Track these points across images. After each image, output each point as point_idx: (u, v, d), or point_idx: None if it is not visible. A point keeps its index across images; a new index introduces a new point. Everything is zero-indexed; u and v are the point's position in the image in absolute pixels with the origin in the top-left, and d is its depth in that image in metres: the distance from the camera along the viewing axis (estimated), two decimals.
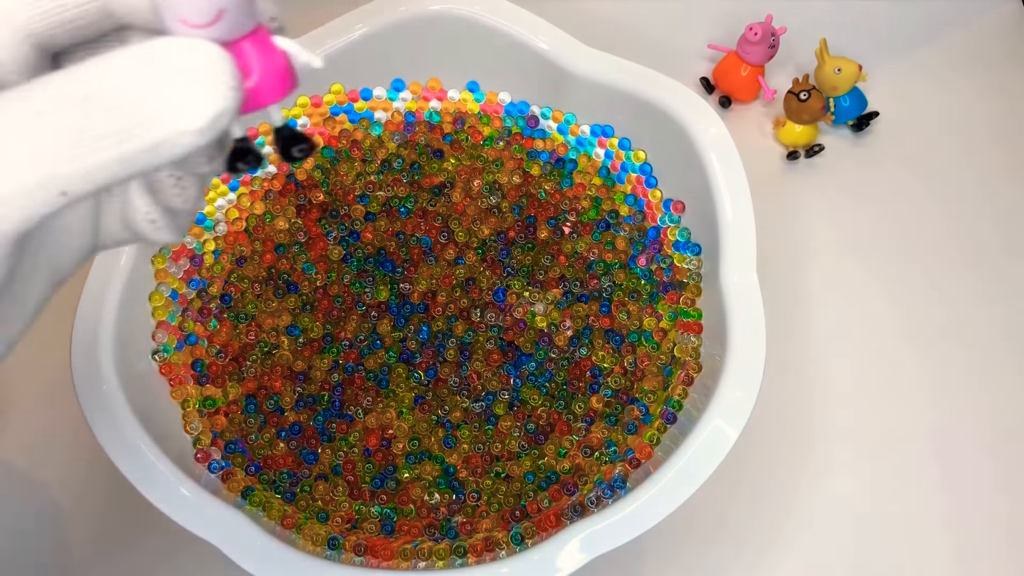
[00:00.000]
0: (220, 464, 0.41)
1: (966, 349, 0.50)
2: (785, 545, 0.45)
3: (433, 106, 0.49)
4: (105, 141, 0.17)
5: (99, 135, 0.17)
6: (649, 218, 0.47)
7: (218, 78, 0.18)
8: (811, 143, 0.54)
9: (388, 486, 0.42)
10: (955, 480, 0.47)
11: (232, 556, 0.35)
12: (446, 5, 0.46)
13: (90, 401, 0.37)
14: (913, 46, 0.59)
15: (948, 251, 0.52)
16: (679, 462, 0.37)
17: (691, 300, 0.44)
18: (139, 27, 0.21)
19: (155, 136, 0.17)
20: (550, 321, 0.45)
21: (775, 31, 0.53)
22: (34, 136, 0.17)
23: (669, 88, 0.44)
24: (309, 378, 0.43)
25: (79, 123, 0.17)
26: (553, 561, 0.36)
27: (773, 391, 0.40)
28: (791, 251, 0.52)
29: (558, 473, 0.42)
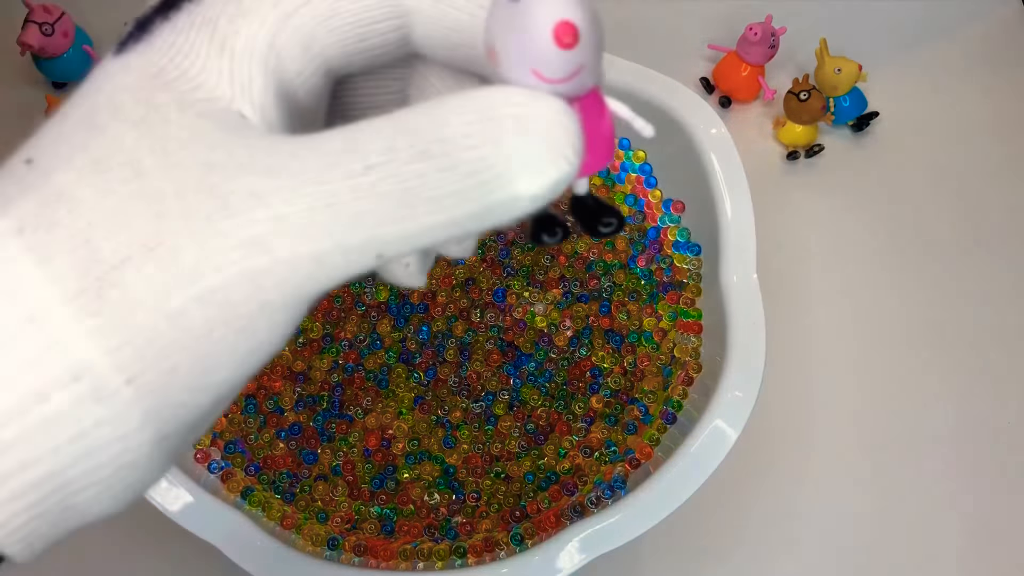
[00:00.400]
0: (220, 464, 0.41)
1: (967, 349, 0.50)
2: (785, 545, 0.45)
3: None
4: (436, 203, 0.15)
5: (431, 197, 0.15)
6: (649, 218, 0.47)
7: (566, 140, 0.15)
8: (811, 143, 0.54)
9: (388, 486, 0.42)
10: (956, 480, 0.46)
11: (231, 556, 0.35)
12: None
13: None
14: (913, 46, 0.58)
15: (948, 251, 0.52)
16: (679, 462, 0.37)
17: (691, 300, 0.44)
18: (433, 60, 0.19)
19: (490, 201, 0.15)
20: (550, 321, 0.45)
21: (775, 31, 0.53)
22: (362, 192, 0.15)
23: (669, 88, 0.44)
24: (309, 378, 0.43)
25: (411, 182, 0.15)
26: (553, 561, 0.36)
27: (773, 391, 0.40)
28: (791, 251, 0.52)
29: (558, 473, 0.42)
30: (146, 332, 0.15)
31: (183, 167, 0.16)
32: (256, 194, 0.15)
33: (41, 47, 0.51)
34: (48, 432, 0.15)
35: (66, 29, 0.52)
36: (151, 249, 0.15)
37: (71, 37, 0.52)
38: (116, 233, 0.15)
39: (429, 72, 0.20)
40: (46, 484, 0.15)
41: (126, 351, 0.15)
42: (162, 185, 0.15)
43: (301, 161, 0.15)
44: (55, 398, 0.15)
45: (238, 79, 0.17)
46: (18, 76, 0.55)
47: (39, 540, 0.16)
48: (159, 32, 0.17)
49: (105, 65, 0.17)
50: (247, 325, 0.16)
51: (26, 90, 0.55)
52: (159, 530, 0.38)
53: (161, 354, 0.15)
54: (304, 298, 0.16)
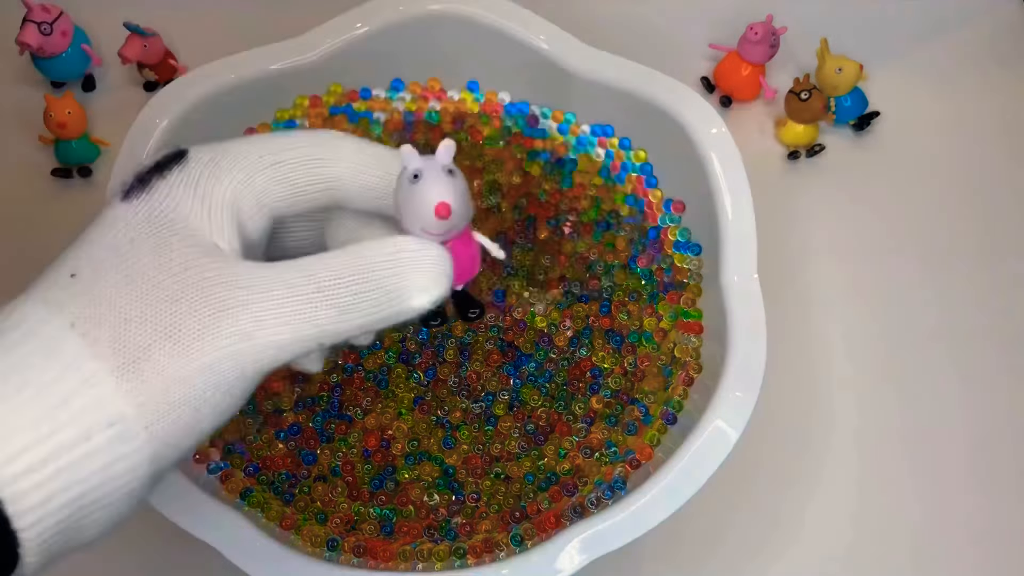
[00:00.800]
0: (218, 465, 0.41)
1: (970, 348, 0.49)
2: (786, 546, 0.45)
3: (432, 106, 0.49)
4: (362, 312, 0.24)
5: (359, 307, 0.23)
6: (649, 218, 0.47)
7: (442, 272, 0.24)
8: (812, 143, 0.54)
9: (387, 487, 0.42)
10: (957, 480, 0.46)
11: (230, 557, 0.35)
12: (446, 5, 0.46)
13: None
14: (914, 46, 0.58)
15: (949, 251, 0.52)
16: (679, 463, 0.37)
17: (691, 300, 0.44)
18: (349, 209, 0.28)
19: (395, 311, 0.24)
20: (550, 321, 0.44)
21: (776, 31, 0.53)
22: (315, 303, 0.23)
23: (669, 87, 0.44)
24: (308, 378, 0.43)
25: (349, 299, 0.23)
26: (553, 562, 0.35)
27: (774, 392, 0.40)
28: (792, 251, 0.52)
29: (558, 474, 0.42)
30: (163, 393, 0.22)
31: (187, 281, 0.23)
32: (242, 303, 0.22)
33: (39, 46, 0.51)
34: (87, 463, 0.21)
35: (65, 28, 0.52)
36: (169, 336, 0.22)
37: (70, 36, 0.52)
38: (143, 326, 0.22)
39: (344, 216, 0.28)
40: (75, 503, 0.21)
41: (148, 406, 0.22)
42: (174, 292, 0.22)
43: (272, 284, 0.23)
44: (96, 438, 0.21)
45: (214, 222, 0.24)
46: (17, 75, 0.55)
47: (49, 555, 0.22)
48: (156, 186, 0.24)
49: (116, 208, 0.24)
50: (230, 389, 0.23)
51: (25, 89, 0.54)
52: (159, 530, 0.37)
53: (170, 408, 0.22)
54: (267, 371, 0.24)
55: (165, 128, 0.42)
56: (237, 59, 0.44)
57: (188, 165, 0.25)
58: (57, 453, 0.20)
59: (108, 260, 0.23)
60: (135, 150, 0.42)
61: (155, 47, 0.53)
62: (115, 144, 0.52)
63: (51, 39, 0.51)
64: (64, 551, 0.22)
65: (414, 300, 0.24)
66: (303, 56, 0.45)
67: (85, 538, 0.22)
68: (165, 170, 0.25)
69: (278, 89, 0.46)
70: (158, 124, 0.42)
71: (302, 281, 0.23)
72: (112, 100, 0.55)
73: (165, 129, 0.42)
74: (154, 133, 0.42)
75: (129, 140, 0.42)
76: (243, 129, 0.46)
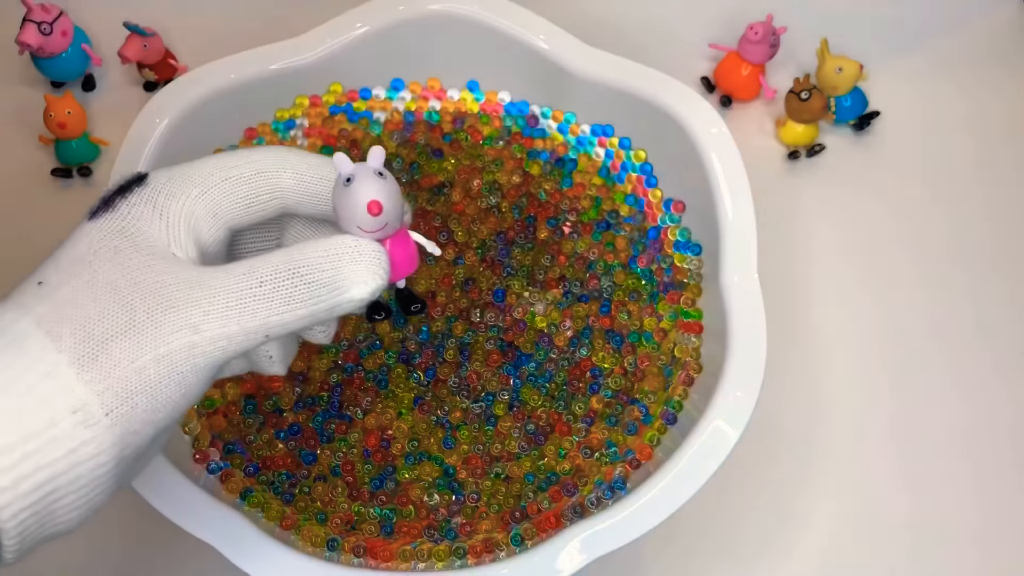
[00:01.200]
0: (219, 465, 0.41)
1: (970, 348, 0.49)
2: (786, 546, 0.45)
3: (432, 106, 0.49)
4: (304, 303, 0.26)
5: (300, 299, 0.26)
6: (649, 218, 0.47)
7: (378, 267, 0.26)
8: (812, 143, 0.54)
9: (387, 487, 0.42)
10: (958, 480, 0.46)
11: (230, 557, 0.35)
12: (446, 4, 0.46)
13: None
14: (914, 46, 0.58)
15: (949, 251, 0.52)
16: (679, 463, 0.37)
17: (691, 300, 0.44)
18: (299, 216, 0.31)
19: (336, 302, 0.26)
20: (550, 321, 0.44)
21: (776, 30, 0.53)
22: (258, 296, 0.25)
23: (669, 87, 0.44)
24: (308, 378, 0.43)
25: (289, 291, 0.26)
26: (553, 562, 0.35)
27: (774, 391, 0.40)
28: (792, 251, 0.52)
29: (558, 474, 0.42)
30: (121, 381, 0.24)
31: (143, 284, 0.25)
32: (191, 300, 0.25)
33: (39, 46, 0.51)
34: (54, 447, 0.23)
35: (64, 28, 0.52)
36: (125, 332, 0.24)
37: (69, 36, 0.52)
38: (102, 322, 0.24)
39: (296, 223, 0.31)
40: (45, 487, 0.23)
41: (108, 393, 0.24)
42: (131, 295, 0.25)
43: (219, 281, 0.25)
44: (61, 424, 0.23)
45: (171, 234, 0.27)
46: (16, 75, 0.55)
47: (27, 540, 0.23)
48: (119, 206, 0.27)
49: (84, 226, 0.27)
50: (182, 379, 0.25)
51: (24, 89, 0.54)
52: (159, 530, 0.37)
53: (129, 396, 0.24)
54: (218, 363, 0.26)
55: (165, 128, 0.42)
56: (237, 59, 0.44)
57: (148, 186, 0.28)
58: (25, 438, 0.22)
59: (72, 268, 0.25)
60: (135, 150, 0.42)
61: (155, 47, 0.53)
62: (115, 144, 0.52)
63: (51, 39, 0.51)
64: (42, 537, 0.24)
65: (351, 292, 0.26)
66: (303, 56, 0.45)
67: (61, 523, 0.24)
68: (127, 192, 0.28)
69: (278, 89, 0.46)
70: (158, 124, 0.42)
71: (245, 277, 0.25)
72: (112, 100, 0.54)
73: (165, 129, 0.42)
74: (154, 133, 0.42)
75: (129, 140, 0.42)
76: (243, 129, 0.46)
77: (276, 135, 0.47)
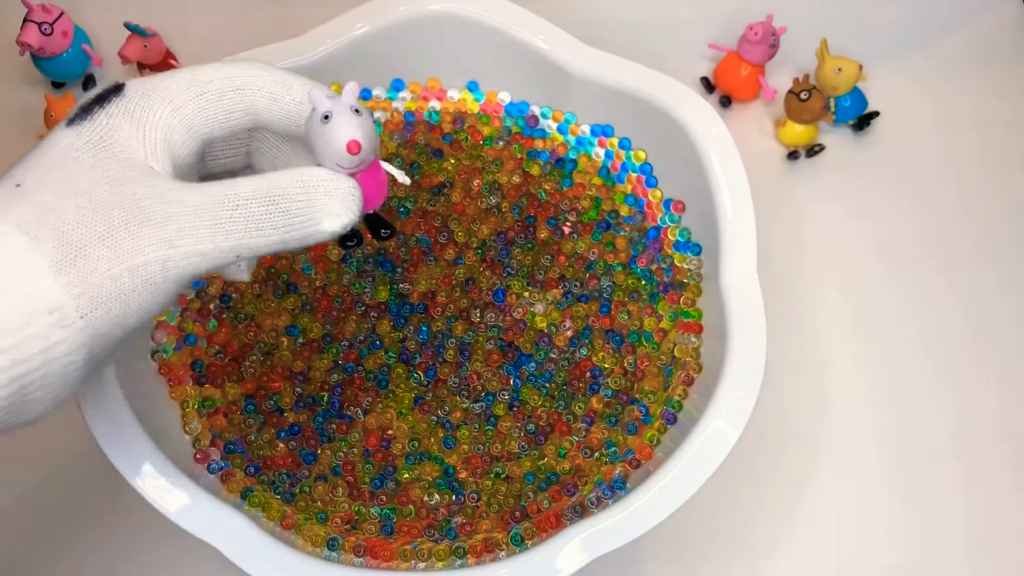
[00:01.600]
0: (219, 464, 0.41)
1: (969, 348, 0.50)
2: (786, 546, 0.45)
3: (433, 106, 0.49)
4: (277, 230, 0.27)
5: (274, 225, 0.27)
6: (649, 218, 0.47)
7: (352, 202, 0.28)
8: (812, 143, 0.54)
9: (388, 487, 0.42)
10: (960, 480, 0.46)
11: (231, 557, 0.35)
12: (446, 5, 0.46)
13: (89, 401, 0.37)
14: (913, 46, 0.58)
15: (948, 251, 0.52)
16: (679, 463, 0.37)
17: (691, 300, 0.44)
18: (269, 131, 0.31)
19: (308, 232, 0.27)
20: (550, 321, 0.45)
21: (775, 31, 0.53)
22: (234, 219, 0.26)
23: (669, 88, 0.44)
24: (308, 378, 0.43)
25: (264, 218, 0.27)
26: (553, 562, 0.36)
27: (774, 391, 0.40)
28: (791, 251, 0.52)
29: (558, 474, 0.42)
30: (96, 287, 0.25)
31: (122, 195, 0.26)
32: (169, 215, 0.26)
33: (40, 46, 0.51)
34: (30, 344, 0.24)
35: (65, 28, 0.52)
36: (103, 241, 0.25)
37: (70, 36, 0.52)
38: (81, 229, 0.25)
39: (267, 134, 0.32)
40: (19, 381, 0.24)
41: (84, 297, 0.25)
42: (110, 203, 0.26)
43: (197, 200, 0.26)
44: (37, 323, 0.24)
45: (148, 146, 0.27)
46: (17, 76, 0.55)
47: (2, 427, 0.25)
48: (97, 115, 0.28)
49: (62, 131, 0.28)
50: (155, 290, 0.26)
51: (25, 90, 0.54)
52: (159, 530, 0.37)
53: (103, 301, 0.25)
54: (189, 277, 0.27)
55: None
56: (237, 59, 0.44)
57: (125, 97, 0.28)
58: (2, 335, 0.23)
59: (51, 173, 0.26)
60: None
61: (155, 47, 0.53)
62: None
63: (52, 39, 0.51)
64: (10, 426, 0.25)
65: (324, 224, 0.27)
66: (303, 56, 0.45)
67: (30, 414, 0.26)
68: (105, 102, 0.28)
69: None
70: None
71: (222, 199, 0.26)
72: None
73: None
74: None
75: None
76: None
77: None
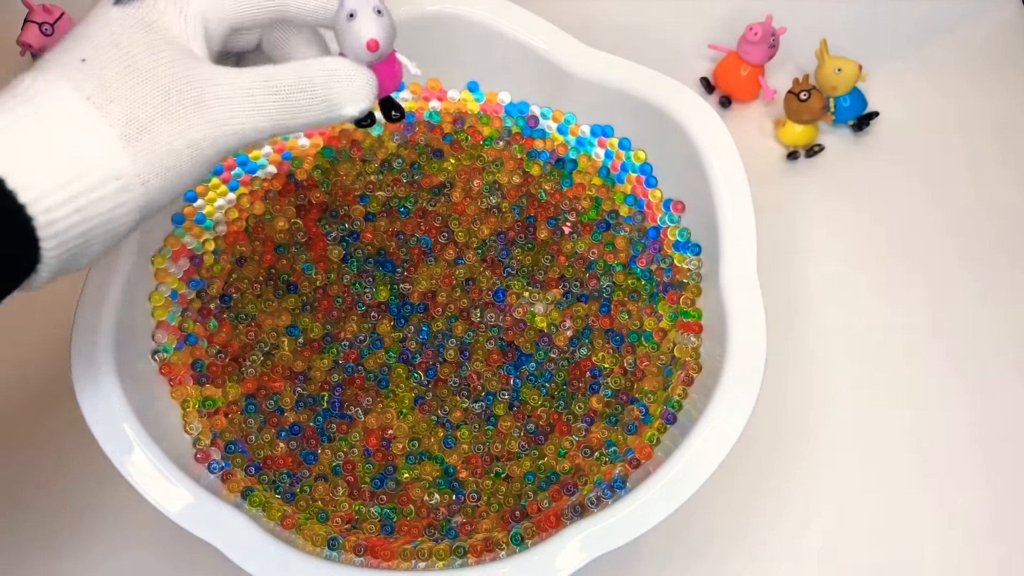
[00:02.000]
0: (220, 464, 0.41)
1: (968, 348, 0.50)
2: (786, 545, 0.45)
3: (433, 106, 0.49)
4: (306, 114, 0.31)
5: (304, 110, 0.31)
6: (649, 218, 0.47)
7: (370, 91, 0.32)
8: (811, 143, 0.54)
9: (388, 486, 0.42)
10: (958, 479, 0.47)
11: (232, 556, 0.35)
12: (445, 5, 0.46)
13: (89, 401, 0.37)
14: (913, 46, 0.59)
15: (947, 251, 0.52)
16: (679, 462, 0.37)
17: (691, 300, 0.44)
18: (296, 24, 0.34)
19: (331, 116, 0.31)
20: (550, 321, 0.45)
21: (775, 31, 0.53)
22: (276, 103, 0.30)
23: (669, 88, 0.44)
24: (309, 378, 0.43)
25: (297, 103, 0.31)
26: (553, 561, 0.36)
27: (773, 391, 0.40)
28: (791, 251, 0.52)
29: (558, 473, 0.42)
30: (158, 159, 0.28)
31: (178, 77, 0.29)
32: (220, 97, 0.29)
33: (41, 47, 0.51)
34: (98, 205, 0.28)
35: (66, 29, 0.52)
36: (164, 117, 0.29)
37: None
38: (145, 107, 0.28)
39: (283, 26, 0.35)
40: (84, 236, 0.28)
41: (146, 168, 0.28)
42: (168, 83, 0.29)
43: (242, 84, 0.30)
44: (106, 187, 0.28)
45: (189, 31, 0.30)
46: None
47: (54, 273, 0.28)
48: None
49: (111, 11, 0.30)
50: (204, 162, 0.30)
51: None
52: (159, 530, 0.38)
53: (163, 172, 0.29)
54: (231, 152, 0.31)
55: None
56: None
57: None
58: (78, 195, 0.27)
59: (111, 52, 0.29)
60: None
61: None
62: None
63: (52, 40, 0.51)
64: (63, 271, 0.28)
65: (345, 109, 0.31)
66: None
67: (80, 263, 0.29)
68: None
69: None
70: None
71: (263, 86, 0.30)
72: None
73: None
74: None
75: None
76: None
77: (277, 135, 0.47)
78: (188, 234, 0.45)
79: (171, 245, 0.44)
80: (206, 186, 0.46)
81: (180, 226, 0.45)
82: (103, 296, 0.39)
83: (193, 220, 0.45)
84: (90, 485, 0.45)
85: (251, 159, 0.47)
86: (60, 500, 0.45)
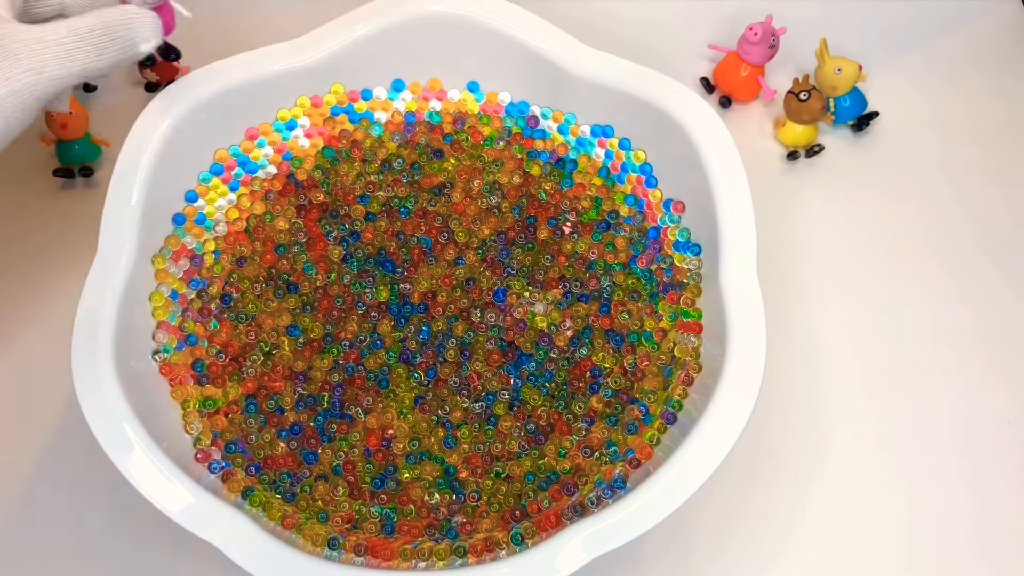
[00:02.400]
0: (220, 464, 0.41)
1: (968, 348, 0.50)
2: (786, 545, 0.45)
3: (433, 106, 0.49)
4: (109, 54, 0.36)
5: (108, 51, 0.36)
6: (649, 218, 0.47)
7: (158, 29, 0.37)
8: (811, 143, 0.54)
9: (388, 486, 0.42)
10: (959, 479, 0.47)
11: (232, 556, 0.35)
12: (446, 5, 0.46)
13: (90, 401, 0.37)
14: (913, 46, 0.59)
15: (947, 251, 0.52)
16: (679, 462, 0.37)
17: (691, 300, 0.44)
18: None
19: (131, 53, 0.37)
20: (550, 321, 0.45)
21: (775, 31, 0.53)
22: (81, 47, 0.35)
23: (669, 88, 0.44)
24: (309, 378, 0.44)
25: (101, 45, 0.36)
26: (553, 561, 0.36)
27: (773, 391, 0.40)
28: (791, 251, 0.52)
29: (558, 473, 0.42)
30: None
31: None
32: (32, 50, 0.34)
33: None
34: None
35: None
36: None
37: None
38: None
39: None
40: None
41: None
42: None
43: (49, 35, 0.34)
44: None
45: None
46: None
47: None
48: None
49: None
50: (26, 107, 0.34)
51: None
52: (159, 530, 0.38)
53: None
54: (46, 98, 0.35)
55: (167, 128, 0.42)
56: (239, 60, 0.45)
57: None
58: None
59: None
60: (136, 150, 0.42)
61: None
62: (116, 144, 0.52)
63: None
64: None
65: (142, 47, 0.36)
66: (305, 57, 0.45)
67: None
68: None
69: (280, 89, 0.46)
70: (159, 125, 0.42)
71: (69, 34, 0.35)
72: (113, 100, 0.55)
73: (167, 129, 0.42)
74: (156, 134, 0.42)
75: (130, 140, 0.42)
76: (244, 129, 0.47)
77: (278, 135, 0.47)
78: (188, 234, 0.45)
79: (171, 245, 0.44)
80: (207, 186, 0.46)
81: (180, 226, 0.45)
82: (103, 296, 0.39)
83: (193, 220, 0.45)
84: (89, 485, 0.45)
85: (251, 159, 0.47)
86: (58, 501, 0.45)
